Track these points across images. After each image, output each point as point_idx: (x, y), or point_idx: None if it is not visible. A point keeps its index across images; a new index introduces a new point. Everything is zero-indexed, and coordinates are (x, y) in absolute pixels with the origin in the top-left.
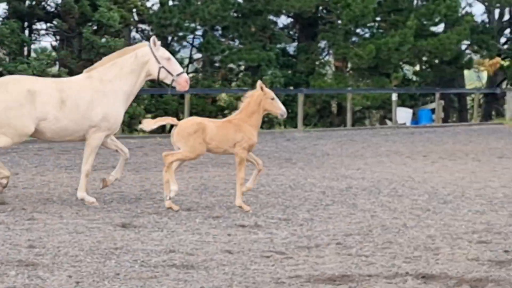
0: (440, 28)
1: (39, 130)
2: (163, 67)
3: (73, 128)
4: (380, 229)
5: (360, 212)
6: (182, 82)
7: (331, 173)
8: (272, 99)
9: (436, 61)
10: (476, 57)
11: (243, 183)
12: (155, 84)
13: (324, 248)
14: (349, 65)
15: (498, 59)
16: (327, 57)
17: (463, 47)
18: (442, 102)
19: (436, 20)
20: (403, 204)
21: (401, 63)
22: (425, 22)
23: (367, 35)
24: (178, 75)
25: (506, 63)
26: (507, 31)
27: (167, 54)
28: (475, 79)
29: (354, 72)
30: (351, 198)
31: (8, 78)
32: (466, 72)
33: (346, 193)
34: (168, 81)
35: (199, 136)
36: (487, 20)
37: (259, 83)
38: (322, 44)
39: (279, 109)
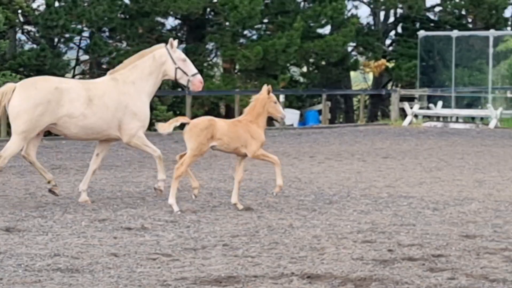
0: (326, 30)
1: (65, 126)
2: (179, 67)
3: (101, 126)
4: (267, 230)
5: (247, 213)
6: (197, 83)
7: (219, 174)
8: (275, 103)
9: (323, 62)
10: (362, 59)
11: (279, 165)
12: None
13: (210, 249)
14: (237, 66)
15: (383, 60)
16: (215, 59)
17: (349, 49)
18: (329, 103)
19: (323, 22)
20: (289, 204)
21: (288, 64)
22: (311, 24)
23: (254, 37)
24: (193, 75)
25: (391, 64)
26: (392, 33)
27: (183, 55)
28: (361, 80)
29: (242, 73)
30: (238, 199)
31: (37, 77)
32: (352, 73)
33: None
34: (183, 82)
35: (209, 132)
36: (372, 22)
37: (267, 87)
38: (210, 45)
39: (280, 113)
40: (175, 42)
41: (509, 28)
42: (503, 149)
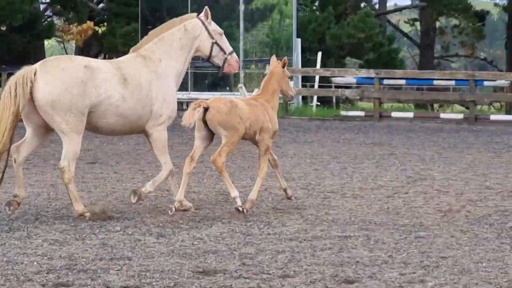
0: None
1: (104, 114)
2: (216, 42)
3: (138, 113)
4: None
5: None
6: (234, 63)
7: None
8: (289, 78)
9: (3, 28)
10: (59, 22)
11: (264, 177)
12: None
13: None
14: None
15: (89, 23)
16: None
17: (41, 7)
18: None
19: None
20: None
21: None
22: None
23: None
24: (230, 53)
25: (101, 29)
26: None
27: (219, 29)
28: (59, 52)
29: None
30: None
31: (59, 56)
32: (46, 42)
33: None
34: (218, 61)
35: (236, 114)
36: None
37: (284, 59)
38: None
39: (292, 91)
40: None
41: None
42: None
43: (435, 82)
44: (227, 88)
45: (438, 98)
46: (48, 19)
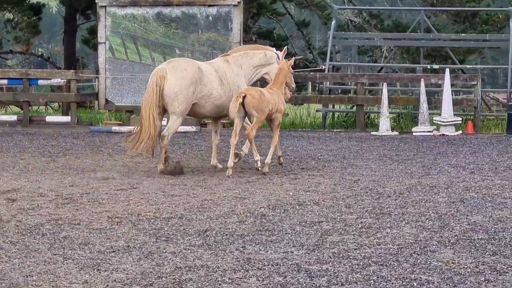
0: None
1: (202, 105)
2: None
3: (225, 105)
4: None
5: None
6: None
7: None
8: (292, 73)
9: None
10: None
11: (277, 144)
12: None
13: None
14: None
15: None
16: None
17: None
18: None
19: None
20: None
21: None
22: None
23: None
24: None
25: None
26: None
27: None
28: None
29: None
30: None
31: (180, 59)
32: None
33: None
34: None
35: (264, 100)
36: None
37: (293, 58)
38: None
39: (293, 84)
40: (285, 50)
41: None
42: None
43: None
44: None
45: None
46: None
